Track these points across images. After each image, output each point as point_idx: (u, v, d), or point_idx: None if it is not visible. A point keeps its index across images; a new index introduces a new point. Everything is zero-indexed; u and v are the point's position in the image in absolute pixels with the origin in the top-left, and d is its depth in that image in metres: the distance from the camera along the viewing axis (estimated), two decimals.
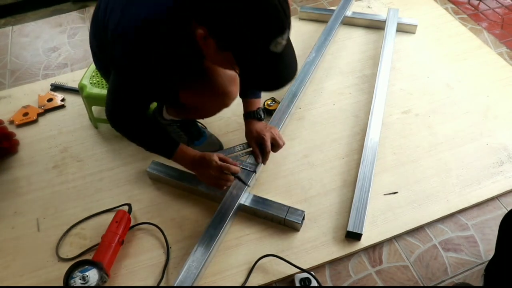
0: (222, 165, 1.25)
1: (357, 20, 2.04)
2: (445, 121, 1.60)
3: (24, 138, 1.63)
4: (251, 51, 0.95)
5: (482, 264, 1.22)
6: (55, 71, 1.97)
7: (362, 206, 1.30)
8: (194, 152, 1.29)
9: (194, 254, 1.18)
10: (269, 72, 1.00)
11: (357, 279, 1.21)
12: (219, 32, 0.95)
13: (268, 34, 0.92)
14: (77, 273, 1.13)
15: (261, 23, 0.91)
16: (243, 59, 0.98)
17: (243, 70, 1.00)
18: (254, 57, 0.96)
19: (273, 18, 0.91)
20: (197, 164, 1.28)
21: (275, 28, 0.92)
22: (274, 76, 1.01)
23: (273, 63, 0.98)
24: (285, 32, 0.94)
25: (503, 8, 2.22)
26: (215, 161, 1.25)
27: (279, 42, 0.94)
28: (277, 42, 0.93)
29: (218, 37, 0.96)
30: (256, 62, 0.97)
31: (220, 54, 0.99)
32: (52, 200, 1.43)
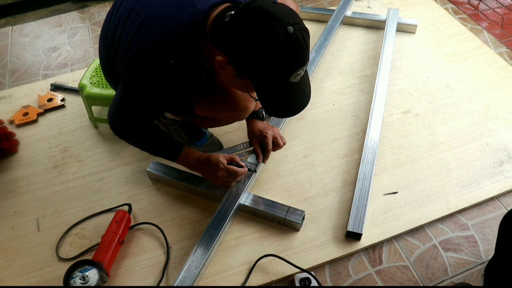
0: (229, 169, 1.27)
1: (357, 20, 2.04)
2: (445, 121, 1.60)
3: (24, 138, 1.63)
4: (271, 81, 0.97)
5: (482, 264, 1.22)
6: (55, 71, 1.97)
7: (362, 206, 1.30)
8: (198, 153, 1.30)
9: (194, 254, 1.18)
10: (286, 101, 1.02)
11: (357, 279, 1.21)
12: (240, 60, 0.96)
13: (290, 68, 0.93)
14: (77, 273, 1.13)
15: (285, 58, 0.92)
16: (262, 88, 0.99)
17: (261, 97, 1.01)
18: (273, 87, 0.98)
19: (296, 52, 0.92)
20: (202, 165, 1.29)
21: (297, 62, 0.93)
22: (290, 104, 1.04)
23: (290, 93, 1.00)
24: (305, 64, 0.96)
25: (503, 8, 2.22)
26: (223, 164, 1.27)
27: (298, 74, 0.96)
28: (297, 74, 0.95)
29: (239, 65, 0.97)
30: (275, 92, 0.99)
31: (238, 80, 1.01)
32: (52, 200, 1.43)
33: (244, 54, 0.94)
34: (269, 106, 1.04)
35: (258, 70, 0.95)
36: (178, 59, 1.03)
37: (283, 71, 0.94)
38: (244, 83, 1.01)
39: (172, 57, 1.02)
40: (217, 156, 1.28)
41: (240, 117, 1.32)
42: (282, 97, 1.00)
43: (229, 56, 0.97)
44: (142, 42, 1.03)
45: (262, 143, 1.39)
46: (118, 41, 1.10)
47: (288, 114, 1.08)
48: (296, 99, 1.03)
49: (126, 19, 1.09)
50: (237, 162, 1.32)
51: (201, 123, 1.44)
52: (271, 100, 1.02)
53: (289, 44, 0.90)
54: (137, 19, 1.06)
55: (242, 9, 0.94)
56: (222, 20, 0.97)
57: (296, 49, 0.92)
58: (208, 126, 1.47)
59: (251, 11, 0.92)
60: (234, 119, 1.35)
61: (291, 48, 0.91)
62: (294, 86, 0.99)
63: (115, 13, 1.15)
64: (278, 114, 1.07)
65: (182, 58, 1.04)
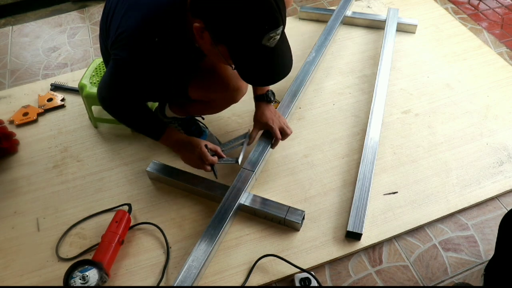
0: (202, 153, 1.27)
1: (357, 20, 2.04)
2: (445, 121, 1.60)
3: (24, 138, 1.63)
4: (244, 45, 0.97)
5: (482, 264, 1.22)
6: (55, 71, 1.97)
7: (362, 206, 1.30)
8: (181, 135, 1.31)
9: (194, 254, 1.18)
10: (262, 67, 1.01)
11: (357, 279, 1.21)
12: (213, 24, 0.97)
13: (261, 29, 0.93)
14: (77, 273, 1.13)
15: (254, 17, 0.92)
16: (236, 52, 0.99)
17: (237, 64, 1.02)
18: (247, 51, 0.98)
19: (266, 12, 0.92)
20: (181, 146, 1.29)
21: (268, 22, 0.93)
22: (267, 71, 1.03)
23: (266, 58, 0.99)
24: (278, 27, 0.95)
25: (503, 8, 2.22)
26: (200, 147, 1.27)
27: (272, 37, 0.95)
28: (270, 36, 0.95)
29: (213, 29, 0.97)
30: (249, 56, 0.99)
31: (215, 48, 1.01)
32: (52, 200, 1.43)
33: (216, 16, 0.95)
34: (245, 72, 1.03)
35: (229, 32, 0.96)
36: (162, 37, 1.05)
37: (253, 31, 0.94)
38: (220, 50, 1.00)
39: (156, 35, 1.05)
40: (199, 141, 1.29)
41: (233, 98, 1.32)
42: (257, 62, 1.00)
43: (205, 22, 0.98)
44: (128, 23, 1.07)
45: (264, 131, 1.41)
46: (109, 29, 1.14)
47: (265, 82, 1.07)
48: (273, 65, 1.02)
49: (115, 7, 1.12)
50: (219, 153, 1.31)
51: (198, 111, 1.44)
52: (246, 66, 1.01)
53: (258, 3, 0.91)
54: (124, 5, 1.10)
55: None
56: None
57: (265, 9, 0.92)
58: (205, 112, 1.48)
59: None
60: (228, 100, 1.34)
61: (260, 8, 0.91)
62: (270, 51, 0.98)
63: (107, 5, 1.18)
64: (255, 82, 1.07)
65: (166, 35, 1.06)
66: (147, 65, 1.10)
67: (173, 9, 1.03)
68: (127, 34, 1.07)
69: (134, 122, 1.29)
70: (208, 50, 1.06)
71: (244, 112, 1.66)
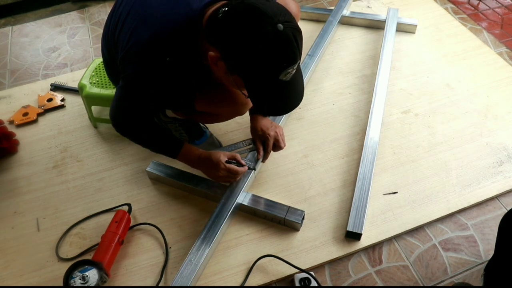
0: (230, 168, 1.28)
1: (357, 20, 2.04)
2: (445, 121, 1.60)
3: (24, 138, 1.63)
4: (260, 79, 0.97)
5: (482, 264, 1.22)
6: (55, 71, 1.97)
7: (362, 206, 1.30)
8: (198, 151, 1.30)
9: (192, 254, 1.18)
10: (276, 99, 1.02)
11: (357, 279, 1.21)
12: (230, 56, 0.97)
13: (279, 65, 0.94)
14: (77, 273, 1.13)
15: (273, 54, 0.92)
16: (252, 85, 1.00)
17: (251, 95, 1.02)
18: (263, 84, 0.98)
19: (285, 50, 0.93)
20: (202, 163, 1.29)
21: (286, 59, 0.94)
22: (281, 103, 1.04)
23: (280, 91, 1.00)
24: (296, 63, 0.96)
25: (503, 8, 2.22)
26: (223, 163, 1.27)
27: (289, 72, 0.96)
28: (287, 72, 0.96)
29: (230, 61, 0.98)
30: (264, 90, 0.99)
31: (229, 76, 1.01)
32: (52, 200, 1.43)
33: (234, 50, 0.95)
34: (259, 103, 1.04)
35: (247, 67, 0.96)
36: (174, 57, 1.05)
37: (272, 68, 0.94)
38: (235, 80, 1.01)
39: (168, 54, 1.04)
40: (218, 155, 1.28)
41: (240, 112, 1.32)
42: (271, 95, 1.01)
43: (221, 52, 0.98)
44: (140, 40, 1.05)
45: (263, 141, 1.39)
46: (118, 39, 1.12)
47: (277, 113, 1.10)
48: (286, 98, 1.04)
49: (126, 18, 1.10)
50: (238, 160, 1.32)
51: (202, 119, 1.44)
52: (261, 97, 1.02)
53: (279, 41, 0.91)
54: (135, 17, 1.08)
55: (235, 5, 0.95)
56: (216, 17, 0.98)
57: (286, 47, 0.92)
58: (209, 122, 1.48)
59: (243, 7, 0.94)
60: (234, 114, 1.35)
61: (280, 46, 0.91)
62: (285, 84, 0.99)
63: (115, 12, 1.17)
64: (268, 112, 1.08)
65: (178, 55, 1.05)
66: (157, 81, 1.09)
67: (187, 30, 1.03)
68: (137, 51, 1.06)
69: (150, 142, 1.27)
70: (221, 77, 1.06)
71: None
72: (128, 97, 1.16)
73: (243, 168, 1.31)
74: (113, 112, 1.20)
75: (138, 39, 1.05)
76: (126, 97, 1.16)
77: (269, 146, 1.37)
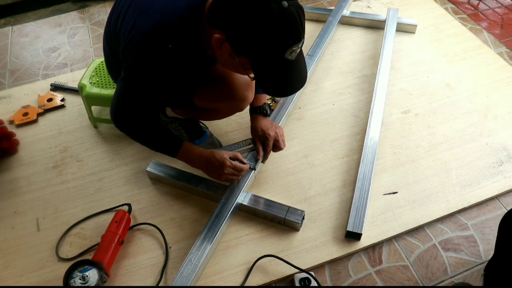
0: (236, 166, 1.28)
1: (357, 20, 2.04)
2: (445, 121, 1.60)
3: (24, 138, 1.63)
4: (266, 58, 0.98)
5: (482, 264, 1.22)
6: (55, 71, 1.97)
7: (362, 206, 1.30)
8: (198, 149, 1.29)
9: (192, 254, 1.18)
10: (282, 79, 1.03)
11: (357, 279, 1.21)
12: (236, 37, 0.97)
13: (285, 43, 0.95)
14: (77, 273, 1.13)
15: (280, 32, 0.93)
16: (258, 65, 1.00)
17: (257, 75, 1.03)
18: (268, 64, 0.99)
19: (290, 27, 0.93)
20: (204, 162, 1.29)
21: (292, 36, 0.94)
22: (286, 82, 1.04)
23: (286, 70, 1.01)
24: (301, 41, 0.97)
25: (503, 8, 2.22)
26: (229, 161, 1.28)
27: (294, 51, 0.97)
28: (292, 50, 0.96)
29: (235, 42, 0.98)
30: (270, 69, 1.00)
31: (234, 59, 1.01)
32: (52, 200, 1.43)
33: (240, 29, 0.95)
34: (265, 84, 1.04)
35: (253, 46, 0.96)
36: (176, 44, 1.05)
37: (278, 46, 0.95)
38: (241, 61, 1.01)
39: (170, 42, 1.04)
40: (221, 154, 1.28)
41: (239, 107, 1.32)
42: (278, 74, 1.01)
43: (226, 33, 0.98)
44: (141, 29, 1.06)
45: (263, 142, 1.39)
46: (119, 32, 1.13)
47: (284, 93, 1.08)
48: (292, 77, 1.04)
49: (127, 10, 1.11)
50: (240, 159, 1.33)
51: (202, 116, 1.44)
52: (267, 77, 1.03)
53: (284, 18, 0.92)
54: (136, 9, 1.09)
55: None
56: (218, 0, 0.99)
57: (291, 24, 0.93)
58: (209, 118, 1.47)
59: None
60: (233, 109, 1.35)
61: (285, 23, 0.92)
62: (290, 64, 0.99)
63: (116, 8, 1.17)
64: (274, 93, 1.08)
65: (180, 42, 1.05)
66: (159, 71, 1.09)
67: (189, 18, 1.03)
68: (139, 40, 1.06)
69: (149, 139, 1.26)
70: (226, 61, 1.06)
71: (244, 112, 1.65)
72: (130, 88, 1.15)
73: (246, 166, 1.32)
74: (114, 105, 1.19)
75: (139, 29, 1.06)
76: (128, 87, 1.15)
77: (268, 146, 1.37)
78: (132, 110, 1.19)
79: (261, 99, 1.39)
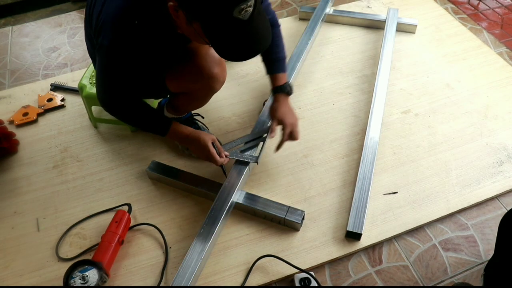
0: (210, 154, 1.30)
1: (357, 20, 2.04)
2: (445, 121, 1.60)
3: (24, 138, 1.63)
4: (216, 19, 0.96)
5: (482, 264, 1.22)
6: (55, 71, 1.97)
7: (362, 206, 1.30)
8: (187, 129, 1.32)
9: (190, 254, 1.18)
10: (237, 41, 1.00)
11: (357, 279, 1.21)
12: (186, 1, 0.97)
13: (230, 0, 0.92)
14: (77, 273, 1.13)
15: None
16: (210, 28, 0.99)
17: (212, 40, 1.01)
18: (219, 26, 0.97)
19: None
20: (190, 142, 1.32)
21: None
22: (243, 44, 1.02)
23: (240, 31, 0.98)
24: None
25: (503, 8, 2.22)
26: (209, 148, 1.30)
27: (243, 9, 0.94)
28: (241, 8, 0.94)
29: (186, 6, 0.98)
30: (222, 31, 0.98)
31: (190, 27, 1.01)
32: (52, 200, 1.43)
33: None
34: (219, 47, 1.02)
35: (200, 8, 0.95)
36: (142, 19, 1.06)
37: (223, 4, 0.93)
38: (196, 28, 1.00)
39: (136, 18, 1.06)
40: (206, 139, 1.30)
41: (210, 86, 1.31)
42: (230, 36, 0.99)
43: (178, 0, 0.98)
44: (108, 10, 1.08)
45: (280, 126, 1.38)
46: (92, 18, 1.15)
47: (240, 56, 1.05)
48: (247, 39, 1.01)
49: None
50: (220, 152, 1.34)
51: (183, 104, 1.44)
52: (221, 41, 1.01)
53: None
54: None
55: None
56: None
57: None
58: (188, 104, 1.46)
59: None
60: (207, 90, 1.34)
61: None
62: (244, 24, 0.97)
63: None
64: (229, 57, 1.04)
65: (146, 18, 1.06)
66: (128, 48, 1.11)
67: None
68: (107, 20, 1.08)
69: (138, 120, 1.30)
70: (185, 29, 1.05)
71: (244, 112, 1.66)
72: (106, 68, 1.17)
73: (222, 159, 1.33)
74: (98, 90, 1.22)
75: (107, 10, 1.08)
76: (104, 69, 1.17)
77: (285, 134, 1.35)
78: (113, 91, 1.22)
79: (281, 78, 1.39)
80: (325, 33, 2.01)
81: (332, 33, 2.01)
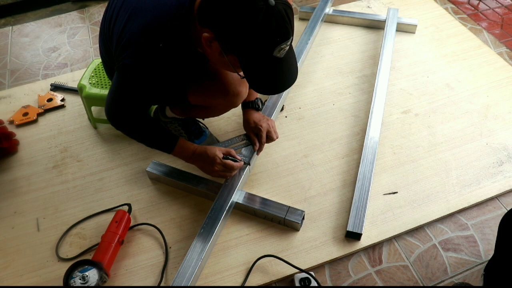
0: (226, 164, 1.29)
1: (357, 20, 2.04)
2: (445, 121, 1.60)
3: (24, 138, 1.63)
4: (255, 56, 0.98)
5: (482, 264, 1.22)
6: (55, 71, 1.97)
7: (362, 206, 1.30)
8: (193, 146, 1.31)
9: (190, 254, 1.18)
10: (271, 77, 1.03)
11: (357, 279, 1.21)
12: (224, 35, 0.97)
13: (273, 41, 0.94)
14: (77, 273, 1.13)
15: (266, 30, 0.93)
16: (247, 63, 1.00)
17: (247, 74, 1.03)
18: (257, 62, 0.99)
19: (278, 25, 0.93)
20: (198, 159, 1.30)
21: (280, 35, 0.94)
22: (276, 80, 1.04)
23: (275, 68, 1.01)
24: (289, 39, 0.97)
25: (503, 8, 2.21)
26: (219, 158, 1.29)
27: (282, 48, 0.97)
28: (281, 48, 0.96)
29: (223, 40, 0.98)
30: (259, 67, 1.00)
31: (224, 57, 1.02)
32: (52, 200, 1.43)
33: (227, 27, 0.95)
34: (255, 82, 1.04)
35: (241, 44, 0.96)
36: (167, 42, 1.06)
37: (265, 44, 0.95)
38: (230, 60, 1.02)
39: (160, 41, 1.05)
40: (213, 150, 1.29)
41: (233, 103, 1.32)
42: (267, 72, 1.01)
43: (215, 32, 0.98)
44: (132, 30, 1.07)
45: (257, 134, 1.40)
46: (112, 33, 1.14)
47: (273, 91, 1.08)
48: (281, 75, 1.04)
49: (119, 11, 1.12)
50: (233, 156, 1.33)
51: (197, 114, 1.45)
52: (256, 75, 1.03)
53: (271, 16, 0.92)
54: (128, 10, 1.10)
55: None
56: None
57: (278, 22, 0.93)
58: (204, 116, 1.49)
59: None
60: (227, 105, 1.35)
61: (273, 21, 0.92)
62: (279, 61, 0.99)
63: (109, 8, 1.18)
64: (264, 91, 1.07)
65: (171, 41, 1.06)
66: (151, 70, 1.10)
67: (179, 17, 1.04)
68: (131, 41, 1.07)
69: (145, 137, 1.27)
70: (216, 59, 1.06)
71: None
72: (124, 87, 1.16)
73: (239, 163, 1.32)
74: (108, 104, 1.21)
75: (130, 30, 1.07)
76: (121, 87, 1.16)
77: (262, 137, 1.39)
78: (125, 109, 1.20)
79: (252, 94, 1.41)
80: (325, 33, 2.01)
81: (332, 33, 2.01)
